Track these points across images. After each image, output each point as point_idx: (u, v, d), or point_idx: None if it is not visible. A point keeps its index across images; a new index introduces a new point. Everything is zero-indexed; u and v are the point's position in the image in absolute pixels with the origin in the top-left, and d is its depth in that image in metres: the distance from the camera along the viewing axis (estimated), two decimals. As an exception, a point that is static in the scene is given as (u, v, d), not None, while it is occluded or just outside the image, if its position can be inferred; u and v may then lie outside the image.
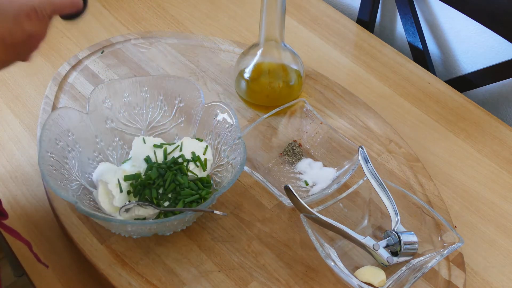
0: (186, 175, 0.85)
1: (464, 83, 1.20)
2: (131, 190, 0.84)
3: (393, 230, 0.82)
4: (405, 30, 1.27)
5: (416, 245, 0.81)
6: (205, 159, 0.87)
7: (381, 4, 1.32)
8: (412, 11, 1.24)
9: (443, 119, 1.07)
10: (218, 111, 0.90)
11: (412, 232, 0.81)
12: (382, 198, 0.84)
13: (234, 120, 0.88)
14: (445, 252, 0.79)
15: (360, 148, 0.87)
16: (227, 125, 0.88)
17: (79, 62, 1.10)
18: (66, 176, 0.83)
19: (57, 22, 1.29)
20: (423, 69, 1.16)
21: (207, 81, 1.09)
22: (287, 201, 0.85)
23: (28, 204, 0.91)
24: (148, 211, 0.82)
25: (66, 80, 1.07)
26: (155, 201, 0.82)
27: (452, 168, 0.99)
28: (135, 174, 0.85)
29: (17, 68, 1.12)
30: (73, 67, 1.09)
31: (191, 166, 0.86)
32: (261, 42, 0.98)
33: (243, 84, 1.02)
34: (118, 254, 0.83)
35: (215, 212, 0.79)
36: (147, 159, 0.86)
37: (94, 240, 0.84)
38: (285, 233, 0.87)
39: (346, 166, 0.92)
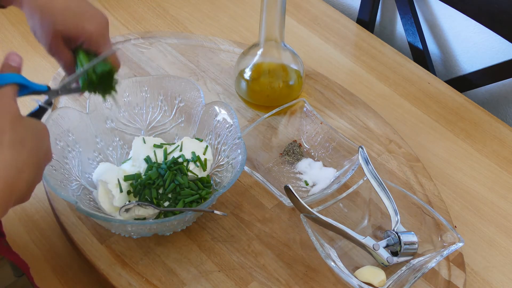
0: (186, 175, 0.85)
1: (464, 83, 1.20)
2: (131, 190, 0.84)
3: (393, 230, 0.82)
4: (405, 30, 1.27)
5: (416, 245, 0.81)
6: (205, 159, 0.87)
7: (381, 4, 1.32)
8: (412, 11, 1.24)
9: (443, 119, 1.07)
10: (218, 111, 0.90)
11: (412, 232, 0.81)
12: (382, 198, 0.84)
13: (234, 120, 0.88)
14: (445, 252, 0.79)
15: (360, 148, 0.87)
16: (227, 125, 0.88)
17: (79, 62, 1.10)
18: (66, 176, 0.83)
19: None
20: (423, 69, 1.16)
21: (207, 81, 1.09)
22: (287, 201, 0.85)
23: (28, 204, 0.91)
24: (148, 211, 0.82)
25: (66, 80, 1.07)
26: (155, 201, 0.82)
27: (452, 168, 0.99)
28: (135, 174, 0.85)
29: (17, 68, 1.12)
30: (73, 67, 1.09)
31: (191, 166, 0.86)
32: (261, 42, 0.98)
33: (243, 84, 1.02)
34: (118, 254, 0.83)
35: (215, 212, 0.79)
36: (147, 159, 0.86)
37: (94, 240, 0.84)
38: (285, 233, 0.87)
39: (346, 166, 0.92)
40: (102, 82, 0.73)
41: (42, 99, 0.69)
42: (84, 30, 0.70)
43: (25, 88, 0.63)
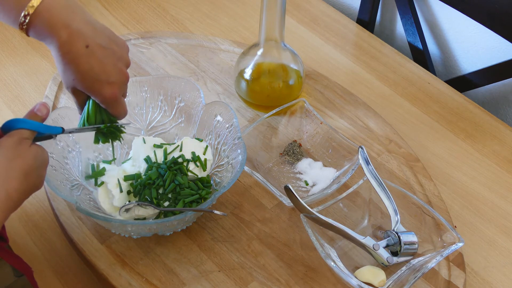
0: (186, 175, 0.85)
1: (464, 83, 1.20)
2: (131, 190, 0.84)
3: (393, 230, 0.82)
4: (405, 30, 1.27)
5: (416, 245, 0.81)
6: (205, 159, 0.87)
7: (381, 4, 1.32)
8: (412, 11, 1.24)
9: (443, 119, 1.07)
10: (218, 111, 0.90)
11: (412, 232, 0.81)
12: (382, 198, 0.84)
13: (234, 120, 0.88)
14: (445, 252, 0.79)
15: (360, 148, 0.87)
16: (227, 125, 0.88)
17: (79, 62, 1.10)
18: (66, 176, 0.83)
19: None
20: (423, 69, 1.16)
21: (207, 81, 1.09)
22: (287, 201, 0.85)
23: (28, 204, 0.91)
24: (148, 211, 0.82)
25: (66, 80, 1.07)
26: (155, 201, 0.82)
27: (452, 168, 0.99)
28: (135, 174, 0.85)
29: (17, 68, 1.12)
30: (73, 67, 1.09)
31: (191, 166, 0.86)
32: (261, 42, 0.98)
33: (243, 84, 1.02)
34: (118, 254, 0.83)
35: (215, 212, 0.79)
36: (147, 159, 0.86)
37: (94, 240, 0.84)
38: (285, 233, 0.87)
39: (346, 166, 0.92)
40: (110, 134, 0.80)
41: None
42: (99, 95, 0.73)
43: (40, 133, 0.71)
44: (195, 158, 0.86)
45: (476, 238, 0.90)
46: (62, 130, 0.74)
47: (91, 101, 0.76)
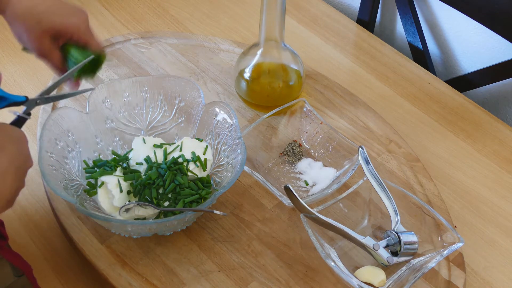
0: (186, 175, 0.85)
1: (464, 83, 1.20)
2: (131, 190, 0.84)
3: (393, 230, 0.82)
4: (405, 30, 1.27)
5: (416, 245, 0.81)
6: (205, 159, 0.87)
7: (381, 4, 1.32)
8: (412, 11, 1.24)
9: (443, 119, 1.07)
10: (218, 111, 0.90)
11: (412, 232, 0.81)
12: (382, 198, 0.84)
13: (234, 120, 0.88)
14: (445, 252, 0.79)
15: (360, 148, 0.87)
16: (227, 125, 0.88)
17: (79, 62, 1.10)
18: (66, 176, 0.83)
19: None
20: (423, 69, 1.16)
21: (207, 81, 1.09)
22: (287, 201, 0.85)
23: (28, 204, 0.91)
24: (148, 211, 0.82)
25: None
26: (155, 201, 0.82)
27: (452, 168, 0.99)
28: (135, 174, 0.85)
29: (17, 68, 1.12)
30: (73, 67, 1.09)
31: (191, 166, 0.86)
32: (261, 42, 0.98)
33: (243, 84, 1.02)
34: (118, 254, 0.83)
35: (215, 212, 0.79)
36: (147, 159, 0.86)
37: (94, 240, 0.84)
38: (285, 233, 0.87)
39: (346, 166, 0.92)
40: (92, 68, 0.81)
41: (20, 110, 0.73)
42: (71, 23, 0.75)
43: (4, 100, 0.68)
44: (195, 158, 0.86)
45: (476, 238, 0.90)
46: (26, 99, 0.73)
47: (71, 49, 0.77)
